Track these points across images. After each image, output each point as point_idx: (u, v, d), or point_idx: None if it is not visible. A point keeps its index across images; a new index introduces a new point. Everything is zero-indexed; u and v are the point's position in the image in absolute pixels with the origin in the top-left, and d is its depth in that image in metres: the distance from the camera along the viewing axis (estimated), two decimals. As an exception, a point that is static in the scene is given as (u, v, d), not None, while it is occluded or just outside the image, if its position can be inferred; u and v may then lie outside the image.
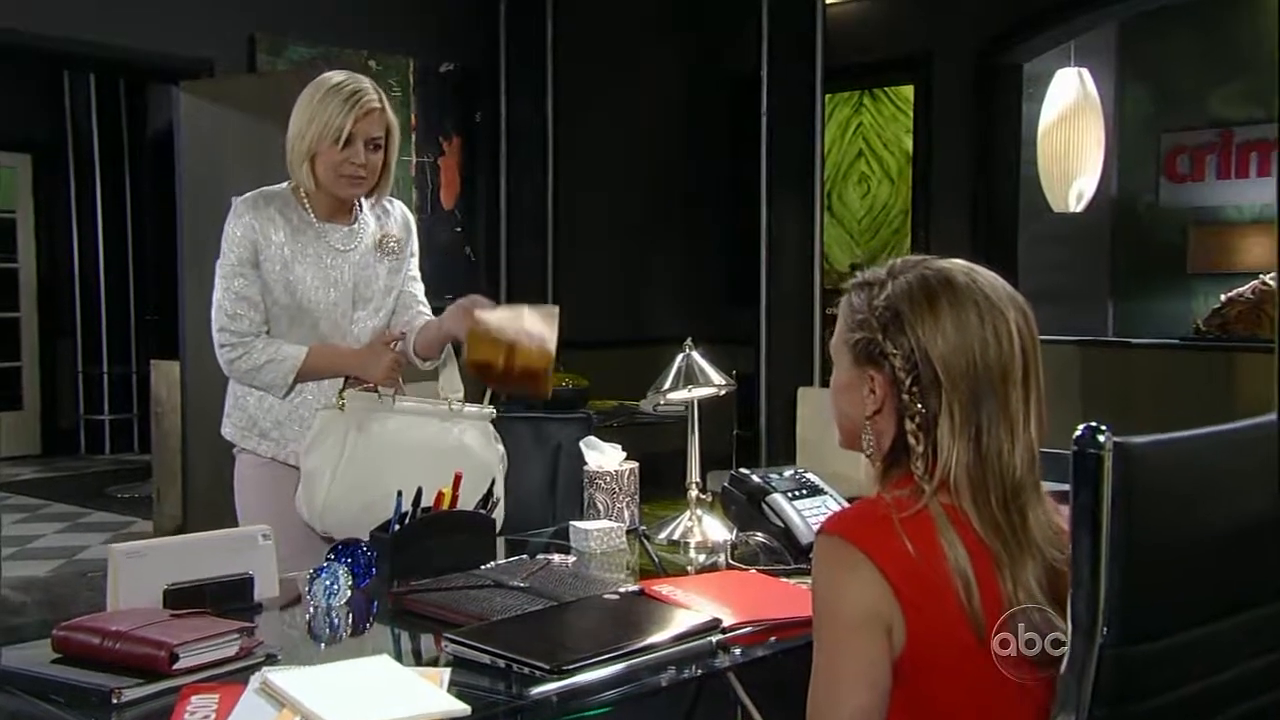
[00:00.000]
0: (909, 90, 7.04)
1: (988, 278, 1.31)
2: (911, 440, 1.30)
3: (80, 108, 8.46)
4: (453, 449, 2.23)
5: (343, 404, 2.23)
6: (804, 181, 5.81)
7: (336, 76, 2.29)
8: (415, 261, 2.45)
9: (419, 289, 2.47)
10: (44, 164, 8.49)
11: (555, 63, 6.55)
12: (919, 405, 1.29)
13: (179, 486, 5.47)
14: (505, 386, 2.24)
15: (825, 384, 5.87)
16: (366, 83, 2.30)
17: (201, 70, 5.30)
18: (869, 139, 7.45)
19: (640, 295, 8.13)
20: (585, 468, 2.26)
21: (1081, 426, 1.09)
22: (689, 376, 2.13)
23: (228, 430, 2.38)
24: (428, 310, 2.45)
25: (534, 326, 2.21)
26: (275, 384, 2.29)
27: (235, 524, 2.25)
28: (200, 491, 5.31)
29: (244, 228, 2.27)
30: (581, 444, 2.28)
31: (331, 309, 2.30)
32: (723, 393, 2.18)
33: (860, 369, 1.35)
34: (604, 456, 2.26)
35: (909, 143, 7.08)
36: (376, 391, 2.27)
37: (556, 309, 2.29)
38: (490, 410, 2.33)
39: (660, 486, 2.76)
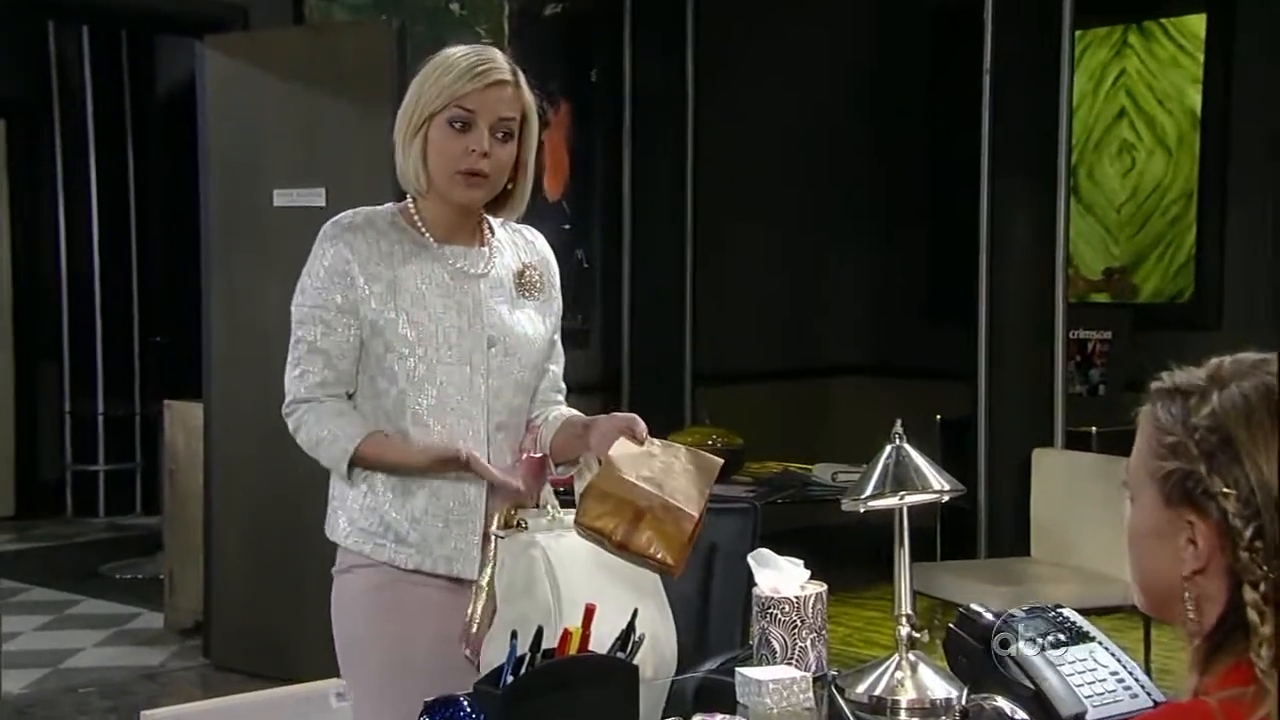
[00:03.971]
0: (1198, 22, 6.92)
1: None
2: (1253, 616, 1.25)
3: (70, 63, 8.82)
4: (616, 564, 2.30)
5: (522, 522, 2.30)
6: (1041, 155, 5.78)
7: (458, 49, 2.40)
8: (559, 324, 2.55)
9: (559, 366, 2.55)
10: (22, 134, 8.84)
11: (697, 2, 6.64)
12: (1263, 568, 1.25)
13: (200, 568, 5.69)
14: (618, 555, 2.30)
15: (1072, 443, 5.81)
16: (495, 53, 2.40)
17: (232, 21, 5.55)
18: (1136, 93, 7.34)
19: (808, 312, 8.15)
20: (755, 592, 2.29)
21: None
22: (899, 479, 2.15)
23: (343, 533, 2.45)
24: (562, 399, 2.55)
25: (681, 487, 2.27)
26: (336, 464, 2.39)
27: (281, 625, 2.35)
28: (230, 575, 5.53)
29: (335, 257, 2.37)
30: (750, 560, 2.31)
31: (458, 346, 2.37)
32: (946, 499, 2.20)
33: (1174, 511, 1.32)
34: (781, 576, 2.30)
35: (1195, 98, 6.95)
36: (541, 504, 2.36)
37: (720, 464, 2.34)
38: None
39: (830, 566, 2.78)
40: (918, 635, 2.24)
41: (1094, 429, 6.18)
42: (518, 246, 2.52)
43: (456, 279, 2.41)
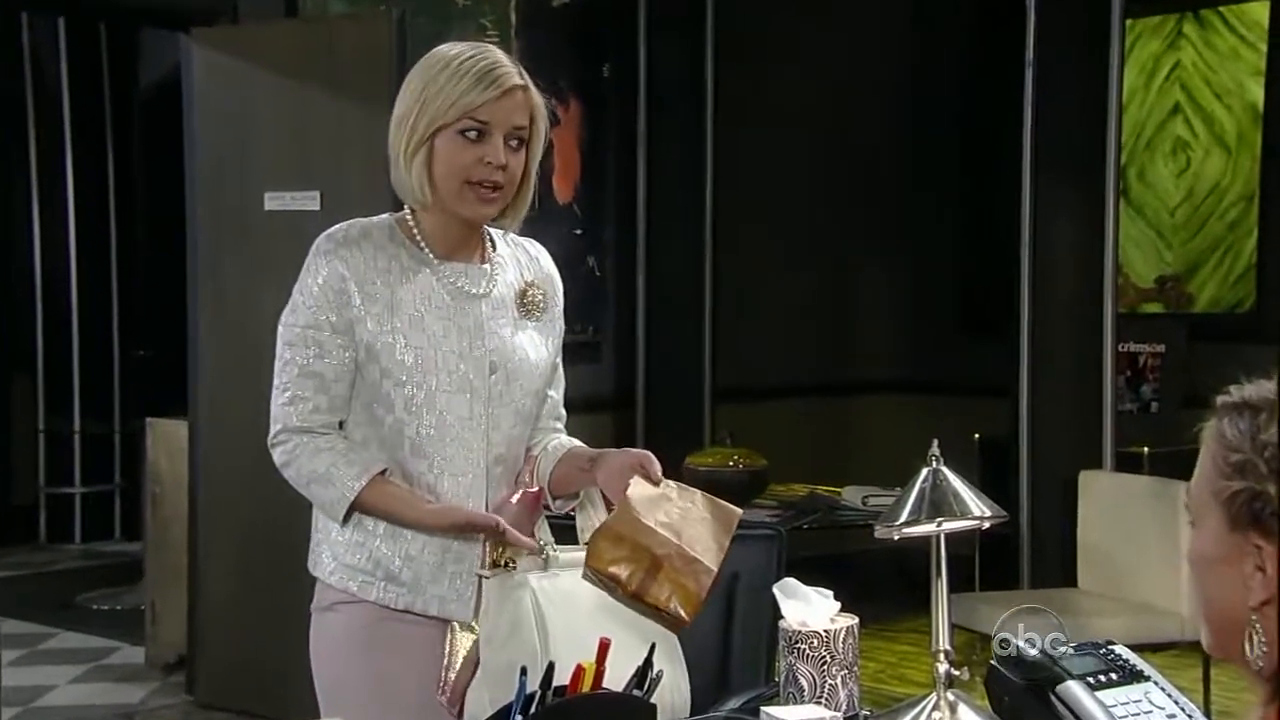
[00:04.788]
0: (1260, 9, 6.90)
1: None
2: None
3: (46, 57, 8.85)
4: (619, 605, 2.29)
5: (510, 564, 2.30)
6: (1088, 154, 5.77)
7: (458, 47, 2.39)
8: (560, 346, 2.54)
9: (559, 392, 2.55)
10: (-8, 131, 8.85)
11: (718, -10, 6.65)
12: None
13: (184, 598, 5.70)
14: (629, 606, 2.30)
15: (1123, 465, 5.79)
16: (499, 53, 2.40)
17: (220, 12, 5.58)
18: (1191, 87, 7.33)
19: (837, 323, 8.15)
20: (781, 625, 2.30)
21: None
22: (936, 505, 2.15)
23: (326, 568, 2.43)
24: (562, 427, 2.54)
25: (700, 536, 2.26)
26: (331, 509, 2.38)
27: (271, 660, 2.35)
28: (216, 607, 5.54)
29: (330, 274, 2.36)
30: (776, 591, 2.32)
31: (458, 371, 2.37)
32: (986, 525, 2.20)
33: (1240, 535, 1.32)
34: (809, 608, 2.30)
35: (1257, 92, 6.94)
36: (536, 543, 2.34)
37: (739, 515, 2.34)
38: None
39: (861, 597, 2.78)
40: (957, 672, 2.24)
41: (1146, 449, 6.16)
42: (520, 263, 2.51)
43: (457, 299, 2.40)
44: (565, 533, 2.46)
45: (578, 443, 2.51)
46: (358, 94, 5.07)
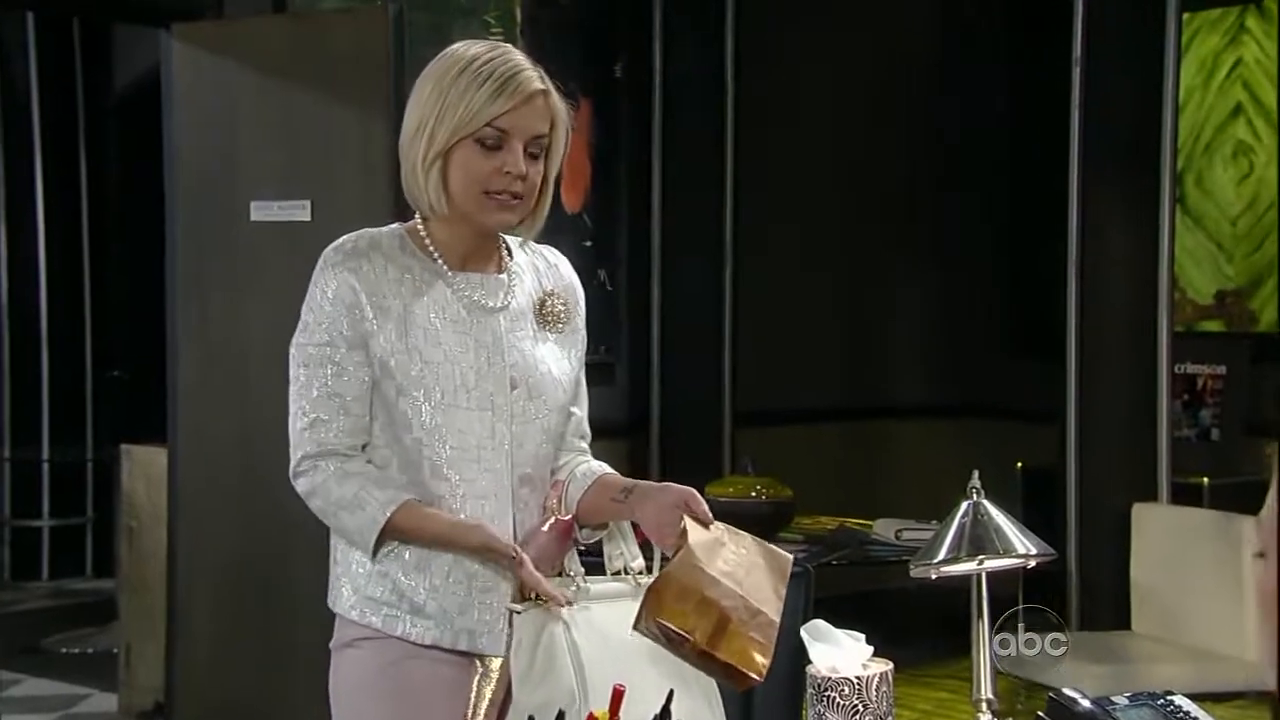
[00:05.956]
0: (1328, 2, 6.90)
1: None
2: None
3: (13, 55, 8.86)
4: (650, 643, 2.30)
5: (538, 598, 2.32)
6: (1141, 160, 5.77)
7: (475, 48, 2.40)
8: (583, 360, 2.56)
9: (583, 410, 2.57)
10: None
11: (738, -16, 6.66)
12: None
13: (161, 640, 5.71)
14: (693, 663, 2.31)
15: (1180, 497, 5.78)
16: (519, 55, 2.42)
17: (203, 7, 5.59)
18: (1254, 86, 7.33)
19: (868, 343, 8.15)
20: (810, 670, 2.30)
21: None
22: (977, 541, 2.16)
23: (347, 603, 2.45)
24: (587, 447, 2.56)
25: (760, 585, 2.29)
26: (360, 536, 2.39)
27: (257, 707, 2.37)
28: (197, 649, 5.53)
29: (340, 287, 2.38)
30: (803, 634, 2.32)
31: (477, 388, 2.40)
32: (1032, 565, 2.20)
33: None
34: (839, 653, 2.30)
35: (1324, 91, 6.93)
36: (564, 573, 2.37)
37: (791, 561, 2.36)
38: None
39: (895, 639, 2.78)
40: (1000, 722, 2.24)
41: (1206, 480, 6.15)
42: (539, 271, 2.54)
43: (473, 312, 2.43)
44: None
45: (608, 468, 2.54)
46: (352, 95, 5.08)
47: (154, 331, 5.88)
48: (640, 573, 2.41)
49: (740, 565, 2.29)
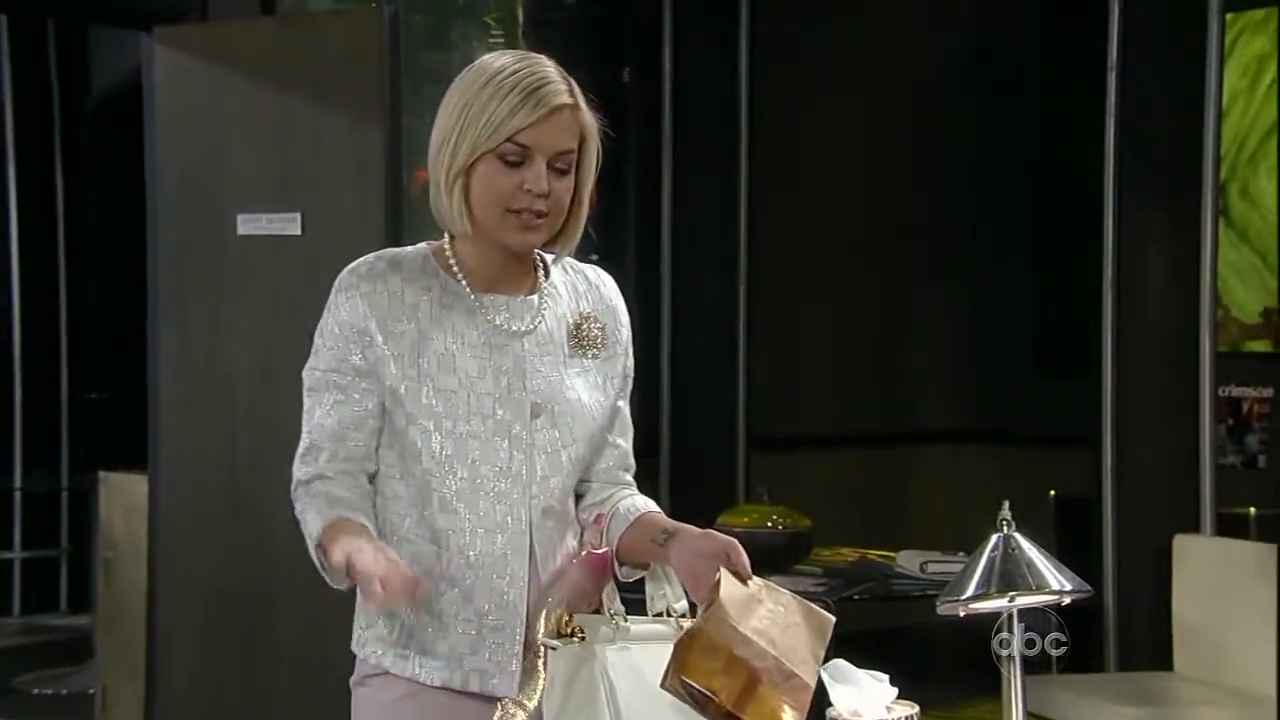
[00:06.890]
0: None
1: None
2: None
3: (-15, 56, 8.90)
4: None
5: (578, 631, 2.34)
6: (1181, 170, 5.77)
7: (503, 59, 2.42)
8: (628, 389, 2.57)
9: (627, 440, 2.58)
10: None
11: (754, -15, 6.67)
12: None
13: (141, 680, 5.69)
14: None
15: (1225, 528, 5.76)
16: (550, 67, 2.43)
17: (187, 9, 5.61)
18: (1301, 92, 7.32)
19: (890, 365, 8.14)
20: (830, 714, 2.30)
21: None
22: (1008, 577, 2.16)
23: (358, 640, 2.50)
24: (631, 480, 2.58)
25: (795, 646, 2.29)
26: (320, 568, 2.40)
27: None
28: (178, 690, 5.53)
29: (350, 312, 2.41)
30: (823, 675, 2.32)
31: (494, 416, 2.41)
32: (1067, 602, 2.21)
33: None
34: (861, 695, 2.30)
35: (1378, 98, 6.92)
36: (602, 609, 2.39)
37: (832, 623, 2.36)
38: None
39: (920, 679, 2.77)
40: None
41: (1252, 510, 6.14)
42: (578, 292, 2.53)
43: (494, 336, 2.43)
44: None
45: (653, 506, 2.54)
46: (345, 102, 5.08)
47: (134, 352, 5.87)
48: (683, 615, 2.42)
49: (776, 624, 2.28)
